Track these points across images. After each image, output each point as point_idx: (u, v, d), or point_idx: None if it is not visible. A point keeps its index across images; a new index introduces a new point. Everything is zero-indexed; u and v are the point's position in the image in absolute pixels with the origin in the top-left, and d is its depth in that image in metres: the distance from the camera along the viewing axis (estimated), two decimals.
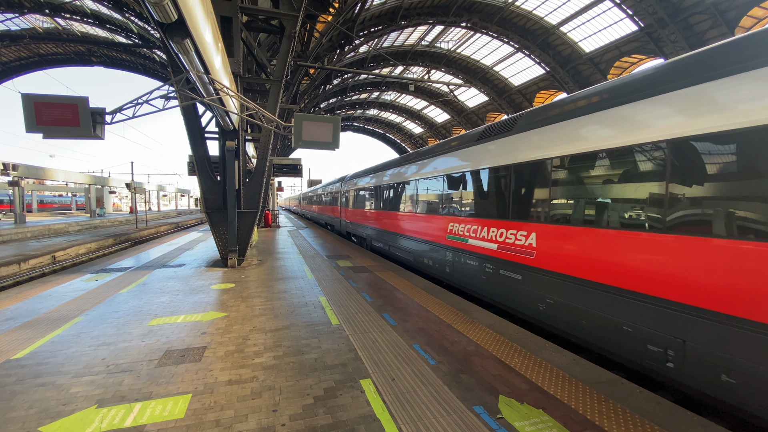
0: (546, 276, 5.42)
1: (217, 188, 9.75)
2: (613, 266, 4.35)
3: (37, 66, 31.46)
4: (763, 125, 3.10)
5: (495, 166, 6.76)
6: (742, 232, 3.22)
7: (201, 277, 8.49)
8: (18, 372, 3.76)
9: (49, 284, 7.70)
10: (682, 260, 3.65)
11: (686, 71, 3.84)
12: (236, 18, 8.85)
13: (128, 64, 33.16)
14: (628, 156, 4.30)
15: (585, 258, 4.74)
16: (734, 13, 18.02)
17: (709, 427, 2.92)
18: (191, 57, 5.78)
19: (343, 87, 37.59)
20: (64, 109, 6.46)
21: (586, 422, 2.99)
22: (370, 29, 24.72)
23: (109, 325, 5.18)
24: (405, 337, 4.83)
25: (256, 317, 5.59)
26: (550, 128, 5.57)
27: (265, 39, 15.38)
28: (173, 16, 4.64)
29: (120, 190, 53.30)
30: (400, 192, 11.48)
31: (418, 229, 10.01)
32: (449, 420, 3.00)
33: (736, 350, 3.23)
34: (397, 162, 12.38)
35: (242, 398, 3.30)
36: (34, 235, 21.06)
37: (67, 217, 36.06)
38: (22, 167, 26.73)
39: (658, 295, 3.87)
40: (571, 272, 4.97)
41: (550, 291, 5.35)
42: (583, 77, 26.43)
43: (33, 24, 26.35)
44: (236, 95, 7.59)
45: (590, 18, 22.90)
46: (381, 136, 62.17)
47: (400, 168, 11.74)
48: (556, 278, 5.22)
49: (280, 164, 20.93)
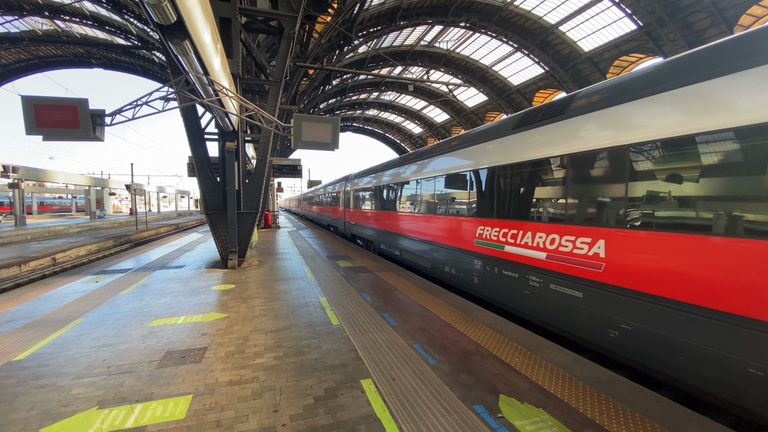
0: (622, 295, 4.26)
1: (216, 189, 9.76)
2: (736, 289, 3.21)
3: (36, 68, 31.50)
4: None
5: (541, 158, 5.57)
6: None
7: (201, 278, 8.50)
8: (19, 374, 3.77)
9: (50, 286, 7.70)
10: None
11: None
12: (235, 19, 8.85)
13: (128, 65, 33.19)
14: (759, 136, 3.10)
15: (689, 275, 3.56)
16: (733, 11, 18.04)
17: (709, 425, 2.92)
18: (190, 58, 5.78)
19: (342, 87, 37.62)
20: (63, 111, 6.47)
21: (587, 421, 2.99)
22: (369, 30, 24.74)
23: (109, 327, 5.19)
24: (405, 336, 4.84)
25: (257, 318, 5.60)
26: (634, 105, 4.23)
27: (264, 40, 15.40)
28: (172, 17, 4.64)
29: (120, 192, 53.35)
30: (417, 191, 10.38)
31: (438, 232, 8.86)
32: (450, 419, 3.00)
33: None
34: (411, 158, 11.28)
35: (243, 399, 3.30)
36: (35, 237, 21.07)
37: (67, 219, 36.07)
38: (22, 169, 26.74)
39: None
40: (666, 293, 3.77)
41: (628, 314, 4.20)
42: (582, 76, 26.44)
43: (32, 26, 26.37)
44: (235, 96, 7.60)
45: (589, 17, 22.93)
46: (380, 136, 62.20)
47: (415, 164, 10.69)
48: (639, 298, 4.06)
49: (279, 165, 20.95)
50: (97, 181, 40.82)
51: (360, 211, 16.68)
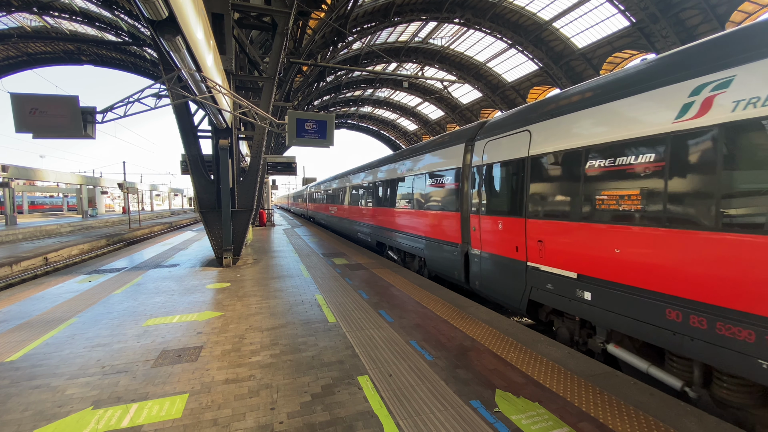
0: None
1: (210, 187, 9.68)
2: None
3: (25, 65, 31.01)
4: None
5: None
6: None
7: (196, 276, 8.45)
8: (12, 374, 3.73)
9: (42, 286, 7.61)
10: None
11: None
12: (228, 15, 8.77)
13: (118, 62, 32.78)
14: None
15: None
16: (725, 8, 18.17)
17: (701, 416, 2.97)
18: (183, 55, 5.72)
19: (336, 84, 37.43)
20: (53, 109, 6.38)
21: (582, 414, 3.03)
22: (363, 26, 24.61)
23: (103, 327, 5.15)
24: (402, 333, 4.85)
25: (253, 316, 5.58)
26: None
27: (257, 36, 15.25)
28: (164, 13, 4.59)
29: (112, 191, 52.78)
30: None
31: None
32: (447, 414, 3.02)
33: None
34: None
35: (240, 397, 3.29)
36: (26, 237, 20.80)
37: (58, 218, 35.65)
38: (12, 168, 26.35)
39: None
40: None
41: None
42: (575, 73, 26.54)
43: (21, 23, 25.94)
44: (229, 93, 7.54)
45: (583, 14, 22.99)
46: (375, 133, 62.08)
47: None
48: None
49: (274, 162, 20.85)
50: (89, 180, 40.34)
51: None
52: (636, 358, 4.18)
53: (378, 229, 12.88)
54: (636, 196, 3.86)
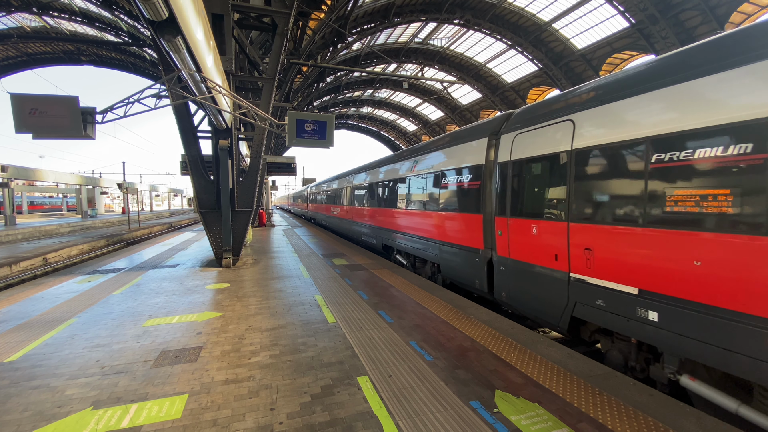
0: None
1: (210, 187, 9.68)
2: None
3: (25, 65, 31.01)
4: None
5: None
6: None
7: (196, 277, 8.45)
8: (11, 375, 3.72)
9: (41, 286, 7.61)
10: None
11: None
12: (228, 15, 8.78)
13: (118, 62, 32.79)
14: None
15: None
16: (724, 9, 18.20)
17: (700, 417, 2.98)
18: (183, 55, 5.73)
19: (336, 85, 37.46)
20: (53, 109, 6.38)
21: (581, 415, 3.03)
22: (363, 26, 24.63)
23: (103, 327, 5.14)
24: (401, 333, 4.85)
25: (252, 316, 5.58)
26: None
27: (257, 37, 15.26)
28: (164, 13, 4.59)
29: (112, 191, 52.76)
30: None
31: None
32: (446, 415, 3.02)
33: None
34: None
35: (239, 397, 3.29)
36: (25, 237, 20.78)
37: (58, 218, 35.62)
38: (11, 168, 26.34)
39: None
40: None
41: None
42: (575, 74, 26.57)
43: (20, 23, 25.93)
44: (228, 93, 7.54)
45: (582, 15, 23.02)
46: (375, 133, 62.09)
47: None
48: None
49: (274, 163, 20.87)
50: (89, 180, 40.33)
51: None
52: (723, 396, 3.42)
53: (385, 232, 12.15)
54: (726, 197, 3.13)
